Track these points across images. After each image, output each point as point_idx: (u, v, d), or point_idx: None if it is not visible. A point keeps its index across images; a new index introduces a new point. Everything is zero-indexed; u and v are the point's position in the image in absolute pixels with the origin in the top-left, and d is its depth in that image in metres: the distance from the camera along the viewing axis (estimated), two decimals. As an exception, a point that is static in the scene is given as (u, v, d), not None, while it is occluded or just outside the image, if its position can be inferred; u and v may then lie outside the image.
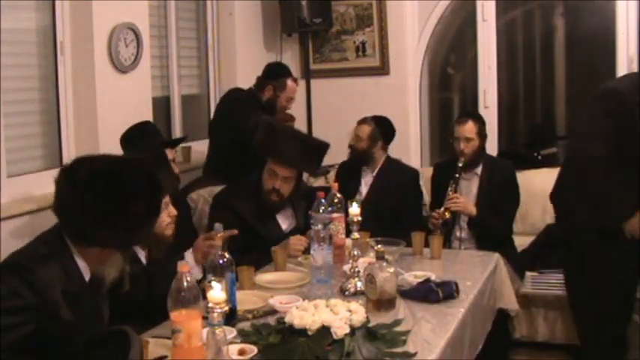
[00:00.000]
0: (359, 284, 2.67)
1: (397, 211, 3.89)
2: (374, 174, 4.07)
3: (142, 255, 2.66)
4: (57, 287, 1.94)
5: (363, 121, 4.10)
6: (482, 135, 3.87)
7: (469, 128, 3.82)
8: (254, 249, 3.16)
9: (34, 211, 3.22)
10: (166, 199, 2.60)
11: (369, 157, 4.06)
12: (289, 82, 4.21)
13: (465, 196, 3.84)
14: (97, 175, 1.99)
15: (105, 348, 1.89)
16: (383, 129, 4.08)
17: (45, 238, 2.08)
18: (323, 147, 3.39)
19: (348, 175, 4.08)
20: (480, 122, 3.90)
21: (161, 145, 3.32)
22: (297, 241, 3.20)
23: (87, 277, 2.08)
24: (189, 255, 2.61)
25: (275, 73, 4.24)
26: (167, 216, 2.61)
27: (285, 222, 3.38)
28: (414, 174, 4.15)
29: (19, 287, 1.89)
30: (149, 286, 2.47)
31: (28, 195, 3.33)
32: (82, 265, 2.05)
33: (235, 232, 2.67)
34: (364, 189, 4.06)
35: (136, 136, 3.33)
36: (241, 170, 3.62)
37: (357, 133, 4.07)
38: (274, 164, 3.24)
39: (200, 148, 4.70)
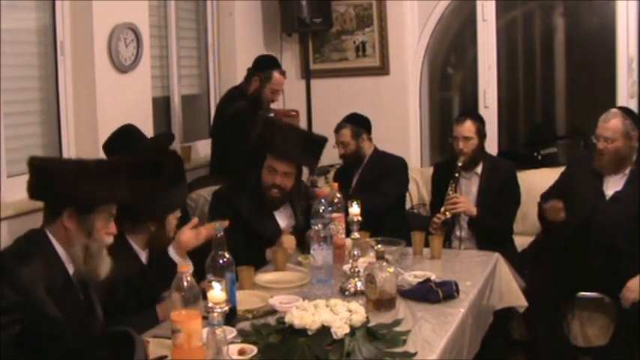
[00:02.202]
0: (359, 284, 2.67)
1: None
2: (362, 167, 4.10)
3: (143, 256, 2.66)
4: (41, 284, 1.95)
5: (338, 129, 4.13)
6: (481, 134, 3.87)
7: (467, 127, 3.82)
8: (253, 246, 3.18)
9: (34, 211, 3.20)
10: None
11: (361, 155, 4.08)
12: (275, 73, 4.23)
13: (465, 195, 3.84)
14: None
15: (107, 349, 1.89)
16: (358, 122, 4.12)
17: (27, 235, 2.12)
18: (321, 141, 3.41)
19: (345, 177, 4.10)
20: (479, 121, 3.90)
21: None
22: (290, 241, 3.22)
23: (70, 270, 2.08)
24: (171, 250, 2.56)
25: (262, 65, 4.27)
26: (175, 218, 2.64)
27: (284, 221, 3.38)
28: (399, 162, 4.15)
29: (1, 289, 1.89)
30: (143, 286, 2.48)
31: (28, 195, 3.32)
32: (63, 255, 2.06)
33: (225, 223, 2.55)
34: (354, 183, 4.09)
35: (119, 142, 3.29)
36: (242, 166, 3.66)
37: (341, 140, 4.10)
38: (273, 160, 3.25)
39: (200, 148, 4.70)
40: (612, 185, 3.52)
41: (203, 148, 4.70)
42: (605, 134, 3.46)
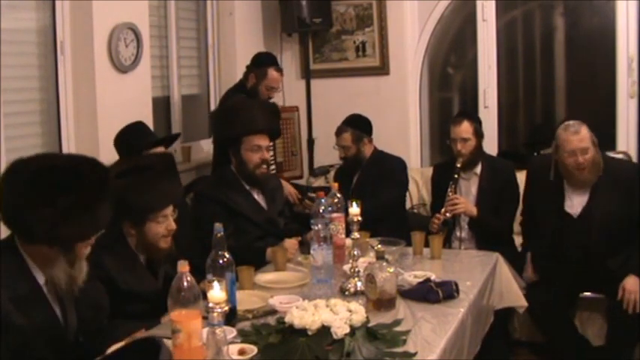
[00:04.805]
0: (359, 284, 2.67)
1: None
2: (361, 168, 4.10)
3: (142, 259, 2.65)
4: (4, 294, 1.92)
5: (339, 132, 4.14)
6: (478, 134, 3.87)
7: (465, 128, 3.82)
8: (243, 231, 3.28)
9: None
10: (168, 210, 2.58)
11: (361, 157, 4.09)
12: (270, 70, 4.22)
13: (465, 196, 3.84)
14: (34, 172, 1.99)
15: (133, 358, 1.88)
16: (359, 126, 4.12)
17: None
18: (276, 107, 3.75)
19: (345, 177, 4.10)
20: (476, 122, 3.89)
21: (154, 144, 3.35)
22: (291, 245, 3.25)
23: (41, 280, 2.04)
24: None
25: (258, 62, 4.29)
26: (164, 229, 2.57)
27: (262, 201, 3.49)
28: (397, 164, 4.15)
29: None
30: None
31: (28, 195, 3.32)
32: (33, 267, 2.03)
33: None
34: (353, 183, 4.10)
35: (130, 138, 3.34)
36: None
37: (342, 144, 4.11)
38: (253, 137, 3.38)
39: (200, 148, 4.70)
40: (578, 201, 3.39)
41: (203, 148, 4.70)
42: (581, 146, 3.24)
